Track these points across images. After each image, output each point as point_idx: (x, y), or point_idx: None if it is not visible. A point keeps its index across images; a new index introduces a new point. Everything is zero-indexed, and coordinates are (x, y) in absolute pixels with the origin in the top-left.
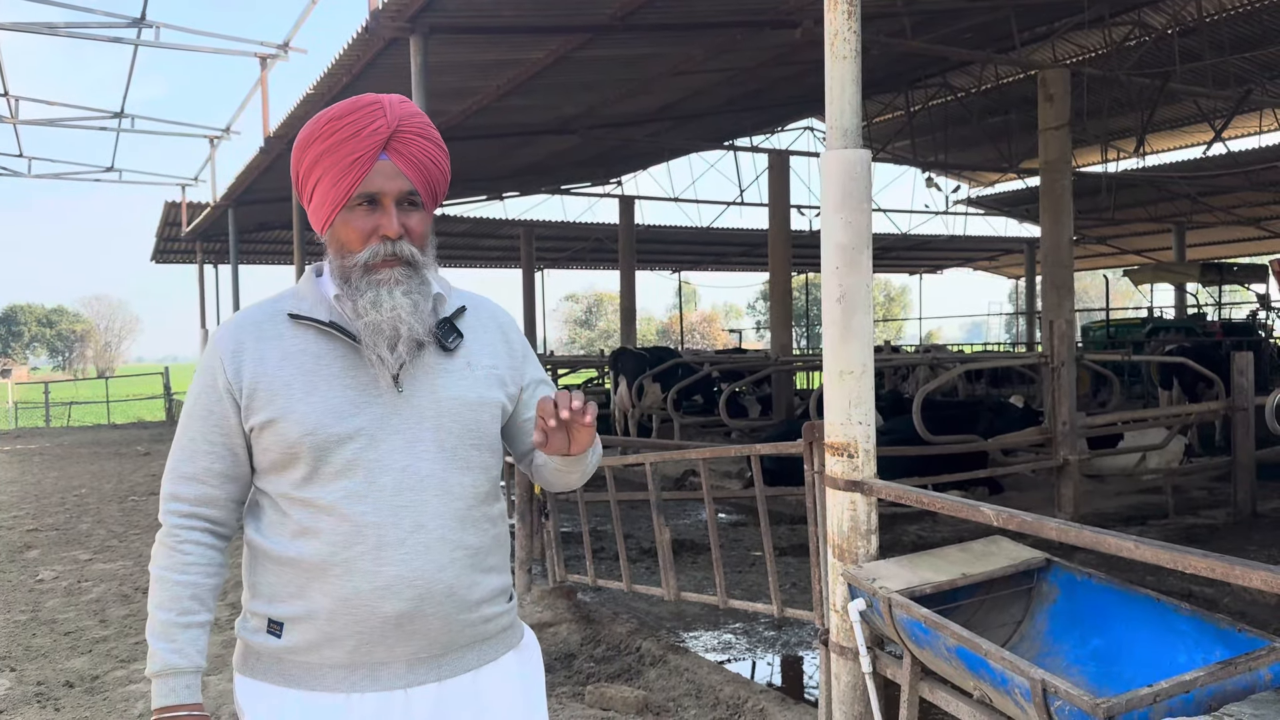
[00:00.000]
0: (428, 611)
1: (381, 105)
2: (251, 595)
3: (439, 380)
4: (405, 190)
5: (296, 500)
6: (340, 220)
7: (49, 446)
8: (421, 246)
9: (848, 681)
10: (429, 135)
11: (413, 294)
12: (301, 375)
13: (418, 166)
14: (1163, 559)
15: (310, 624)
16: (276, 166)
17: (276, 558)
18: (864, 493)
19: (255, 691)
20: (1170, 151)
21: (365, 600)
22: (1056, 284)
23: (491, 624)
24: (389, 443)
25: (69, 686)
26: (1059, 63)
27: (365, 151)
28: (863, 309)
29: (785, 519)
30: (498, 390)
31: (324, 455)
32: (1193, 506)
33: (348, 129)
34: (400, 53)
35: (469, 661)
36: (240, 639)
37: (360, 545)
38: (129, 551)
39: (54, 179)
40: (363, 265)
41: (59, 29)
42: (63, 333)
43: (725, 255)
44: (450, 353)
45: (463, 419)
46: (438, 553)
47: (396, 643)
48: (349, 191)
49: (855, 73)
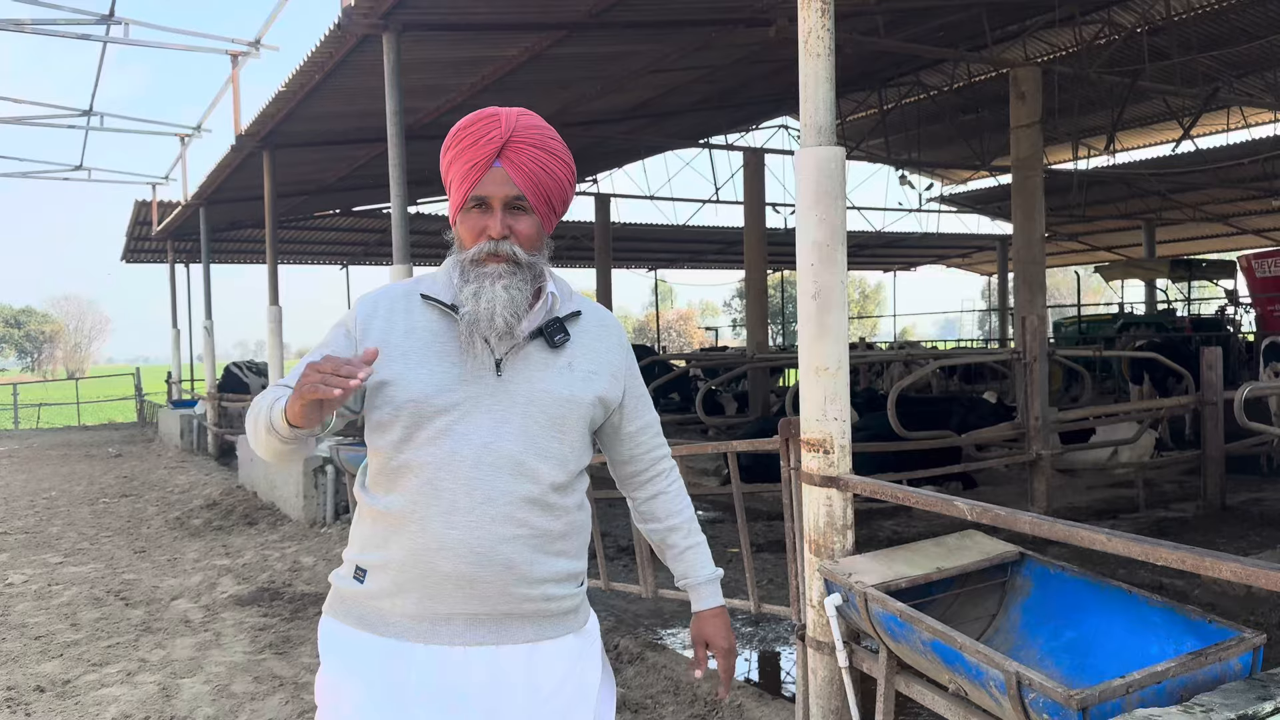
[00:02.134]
0: (485, 577)
1: (499, 118)
2: (349, 547)
3: (537, 373)
4: (513, 195)
5: (393, 460)
6: (460, 219)
7: (18, 449)
8: (528, 248)
9: (824, 676)
10: (544, 146)
11: (512, 289)
12: (419, 348)
13: (526, 174)
14: (1134, 551)
15: (385, 572)
16: (248, 165)
17: (372, 511)
18: (840, 488)
19: (335, 631)
20: (1140, 149)
21: (430, 556)
22: (1028, 280)
23: (554, 604)
24: (478, 419)
25: (40, 691)
26: (1030, 61)
27: (480, 159)
28: (838, 306)
29: (762, 515)
30: (593, 393)
31: (421, 422)
32: (1163, 500)
33: (469, 138)
34: (373, 50)
35: (527, 634)
36: (333, 584)
37: (436, 505)
38: (100, 554)
39: (21, 178)
40: (471, 260)
41: (26, 26)
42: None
43: (701, 253)
44: (555, 350)
45: (550, 411)
46: (501, 526)
47: (456, 601)
48: (465, 195)
49: (829, 70)
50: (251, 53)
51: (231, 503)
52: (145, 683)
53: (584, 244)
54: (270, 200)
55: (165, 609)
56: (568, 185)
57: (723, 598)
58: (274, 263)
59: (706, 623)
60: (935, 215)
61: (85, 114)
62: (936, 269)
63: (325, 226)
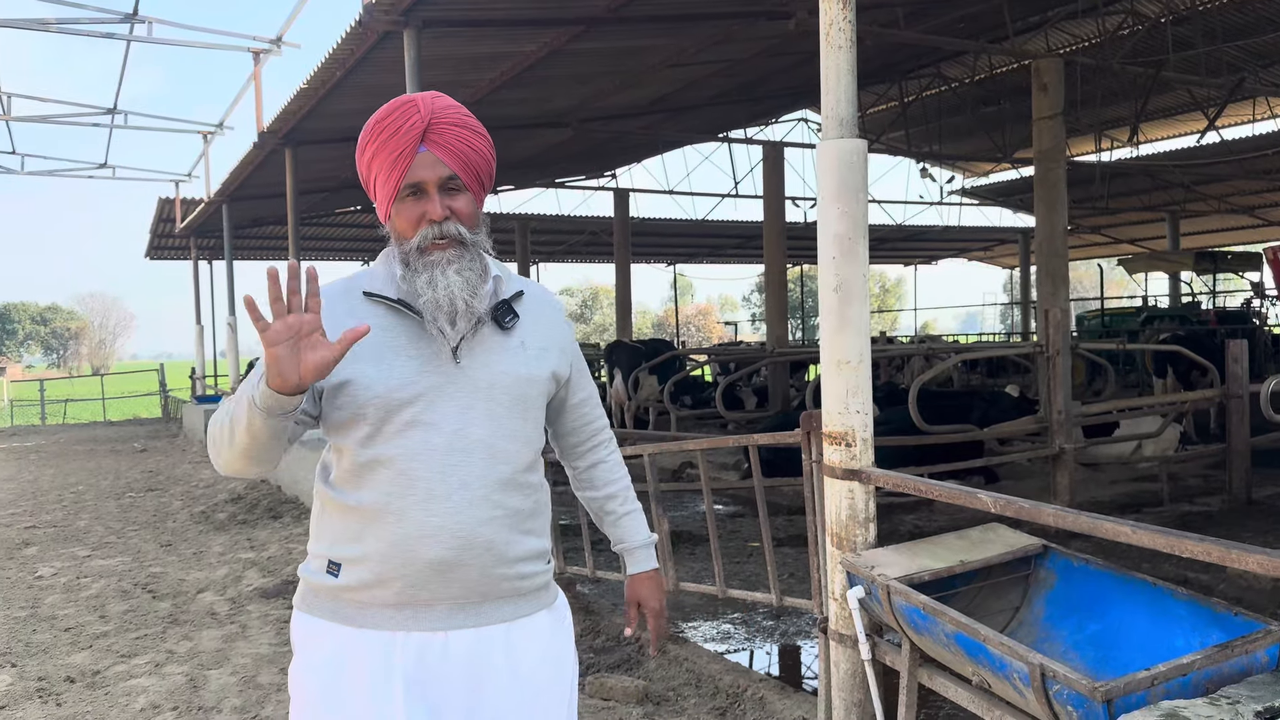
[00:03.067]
0: (467, 560)
1: (415, 103)
2: (316, 541)
3: (494, 356)
4: (445, 176)
5: (361, 456)
6: (394, 211)
7: (45, 444)
8: (470, 226)
9: (847, 669)
10: (465, 124)
11: (465, 271)
12: (371, 346)
13: (454, 153)
14: (1159, 543)
15: (364, 565)
16: (270, 162)
17: (340, 506)
18: (862, 481)
19: (310, 626)
20: (1164, 140)
21: (411, 545)
22: (1051, 273)
23: (527, 581)
24: (444, 408)
25: (70, 682)
26: (1052, 52)
27: (405, 147)
28: (859, 299)
29: (782, 510)
30: (547, 369)
31: (387, 416)
32: (1188, 494)
33: (389, 128)
34: (394, 46)
35: (504, 613)
36: (302, 579)
37: (412, 496)
38: (127, 548)
39: (47, 175)
40: (416, 249)
41: (51, 25)
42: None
43: (720, 248)
44: (506, 331)
45: (512, 392)
46: (480, 509)
47: (439, 587)
48: (397, 184)
49: (851, 62)
50: (273, 50)
51: (256, 497)
52: (173, 674)
53: (603, 239)
54: (292, 197)
55: (191, 601)
56: (492, 160)
57: (656, 561)
58: (296, 259)
59: (641, 584)
60: (956, 208)
61: (109, 112)
62: (957, 263)
63: (347, 223)
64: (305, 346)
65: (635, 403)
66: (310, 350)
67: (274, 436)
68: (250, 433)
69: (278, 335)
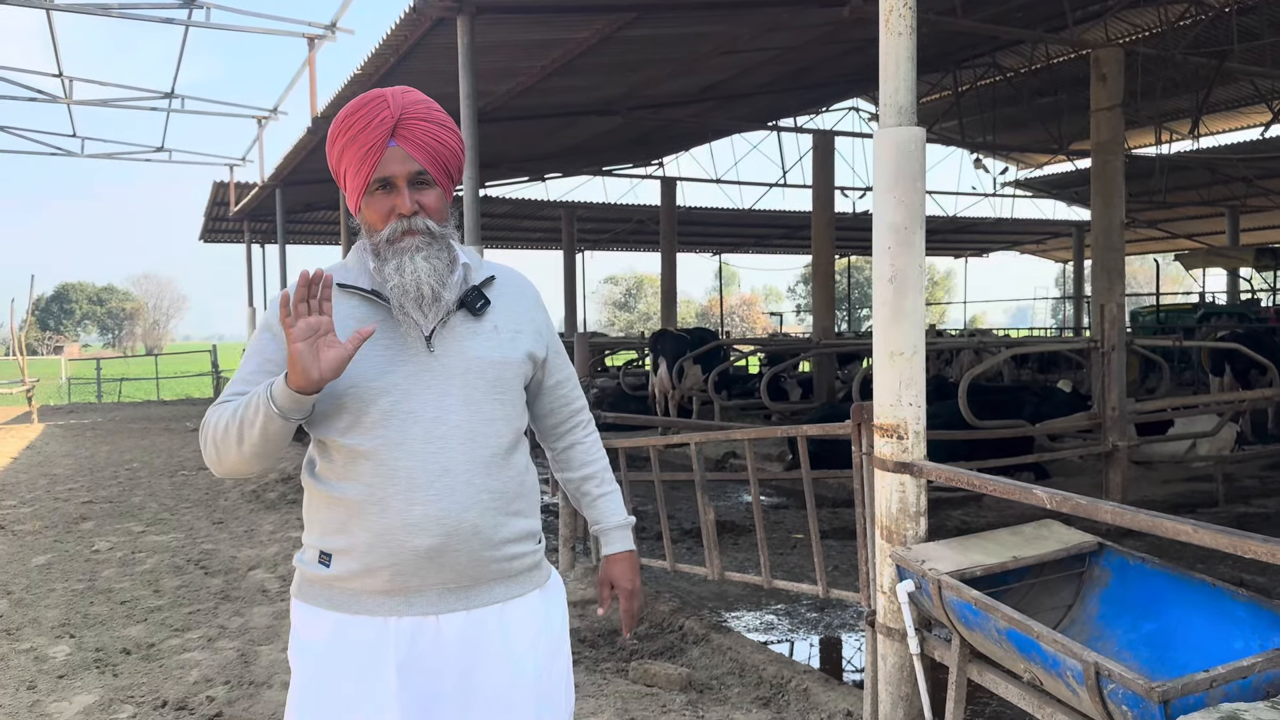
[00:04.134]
0: (455, 546)
1: (385, 98)
2: (308, 531)
3: (467, 342)
4: (414, 171)
5: (342, 446)
6: (365, 204)
7: (101, 421)
8: (438, 219)
9: (894, 663)
10: (433, 119)
11: (432, 259)
12: (346, 336)
13: (424, 148)
14: (1221, 543)
15: (352, 555)
16: (323, 147)
17: (326, 497)
18: (914, 474)
19: (307, 614)
20: (1226, 133)
21: (397, 535)
22: (1107, 268)
23: (517, 562)
24: (420, 396)
25: (126, 653)
26: (1112, 42)
27: (375, 141)
28: (914, 290)
29: (826, 502)
30: (521, 351)
31: (364, 406)
32: (1244, 495)
33: (359, 123)
34: (447, 33)
35: (496, 595)
36: (297, 568)
37: (394, 486)
38: (180, 524)
39: (106, 159)
40: (385, 240)
41: (112, 10)
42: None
43: (766, 237)
44: (478, 317)
45: (487, 376)
46: (463, 494)
47: (428, 573)
48: (367, 178)
49: (911, 49)
50: (328, 36)
51: None
52: (225, 648)
53: (649, 227)
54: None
55: (243, 578)
56: (461, 153)
57: (632, 543)
58: (348, 244)
59: (614, 565)
60: (1009, 200)
61: (167, 96)
62: (1008, 255)
63: None
64: (322, 345)
65: (679, 392)
66: (327, 348)
67: (284, 436)
68: (264, 435)
69: (301, 333)
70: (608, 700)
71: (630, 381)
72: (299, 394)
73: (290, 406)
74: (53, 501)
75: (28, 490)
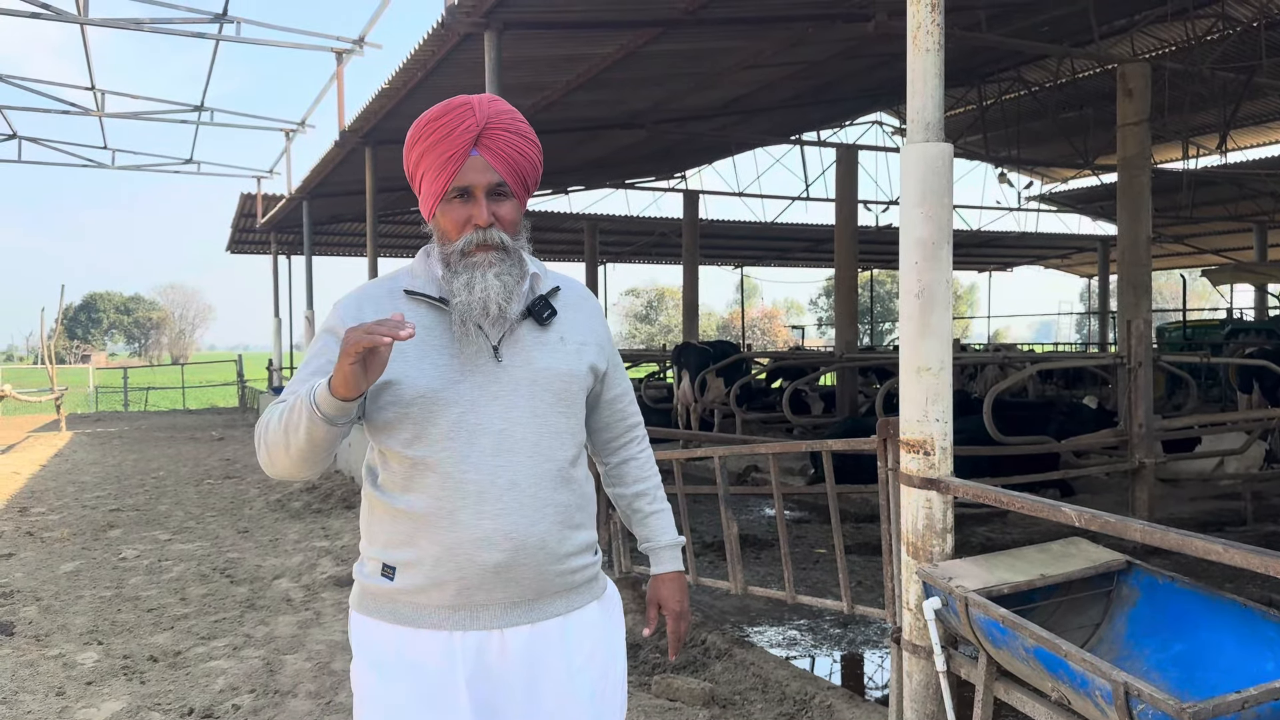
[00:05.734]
0: (522, 561)
1: (471, 106)
2: (369, 542)
3: (534, 352)
4: (494, 182)
5: (407, 458)
6: (440, 211)
7: (128, 430)
8: (513, 233)
9: (920, 680)
10: (517, 130)
11: (504, 275)
12: (415, 344)
13: (505, 160)
14: (1253, 563)
15: (418, 569)
16: (351, 160)
17: (390, 509)
18: (940, 491)
19: (369, 628)
20: (1254, 148)
21: (466, 550)
22: (1134, 283)
23: (578, 575)
24: (488, 408)
25: (153, 661)
26: (1138, 56)
27: (457, 150)
28: (942, 305)
29: (849, 518)
30: (586, 363)
31: (431, 418)
32: (1272, 514)
33: (442, 129)
34: (474, 48)
35: (558, 608)
36: (357, 581)
37: (462, 499)
38: (206, 533)
39: (136, 170)
40: (459, 251)
41: (145, 25)
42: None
43: (789, 251)
44: (545, 327)
45: (554, 388)
46: (530, 509)
47: (494, 588)
48: (445, 186)
49: (938, 65)
50: (355, 50)
51: (330, 487)
52: (250, 657)
53: (671, 240)
54: (371, 195)
55: (268, 587)
56: (539, 166)
57: (682, 564)
58: (374, 256)
59: (663, 585)
60: (1034, 214)
61: (197, 109)
62: (1032, 270)
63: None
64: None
65: (701, 405)
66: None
67: (332, 441)
68: (310, 439)
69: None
70: (631, 714)
71: (651, 394)
72: (343, 401)
73: (335, 413)
74: (81, 509)
75: (56, 498)
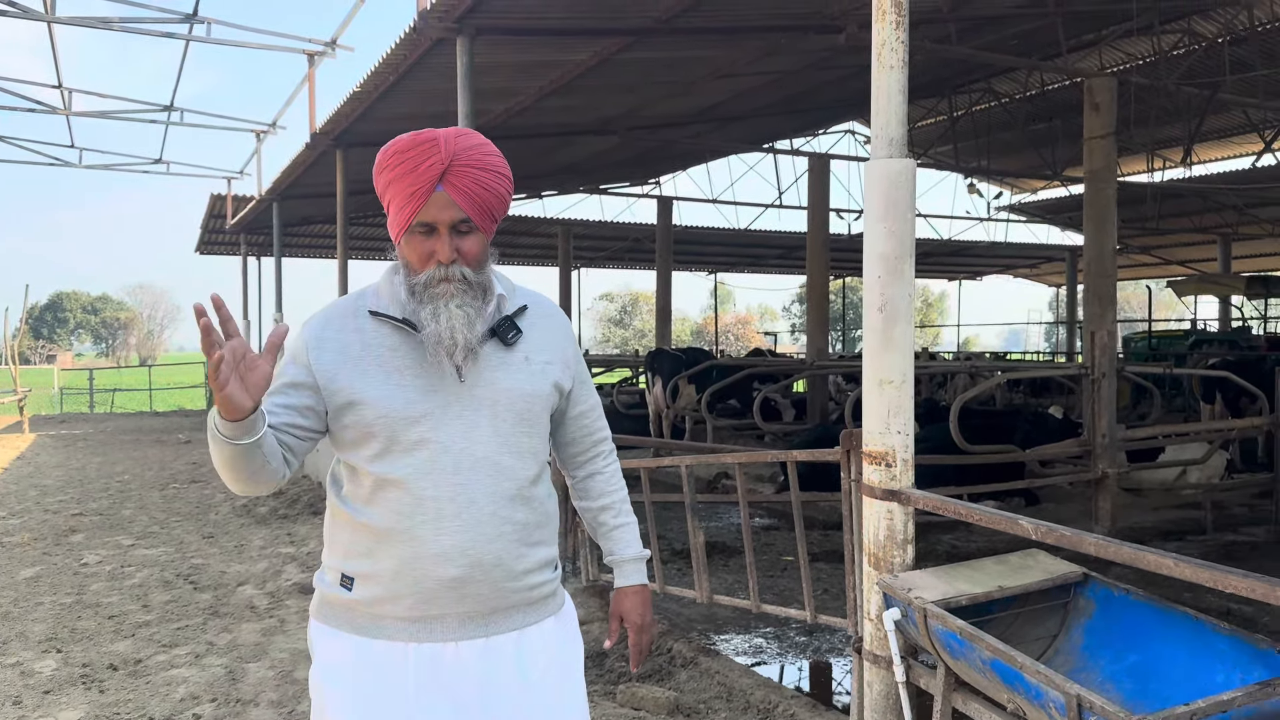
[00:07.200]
0: (478, 577)
1: (437, 142)
2: (330, 552)
3: (498, 373)
4: (458, 219)
5: (371, 473)
6: (405, 241)
7: (93, 432)
8: (476, 266)
9: (880, 690)
10: (484, 165)
11: (466, 307)
12: (378, 364)
13: (470, 196)
14: (1202, 577)
15: (376, 581)
16: (321, 162)
17: (351, 521)
18: (901, 502)
19: (327, 635)
20: (1218, 162)
21: (424, 564)
22: (1099, 294)
23: (536, 591)
24: (451, 427)
25: (113, 669)
26: (1105, 70)
27: (421, 186)
28: (904, 319)
29: (817, 524)
30: (550, 383)
31: (395, 435)
32: (1233, 523)
33: (407, 164)
34: (446, 53)
35: (514, 622)
36: (317, 589)
37: (421, 515)
38: (170, 539)
39: (103, 169)
40: (422, 285)
41: (114, 24)
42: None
43: (762, 258)
44: (510, 347)
45: (516, 408)
46: (488, 526)
47: (450, 602)
48: (409, 220)
49: (902, 82)
50: (327, 52)
51: (297, 492)
52: (213, 665)
53: (645, 246)
54: (342, 197)
55: (232, 594)
56: (508, 196)
57: (645, 577)
58: (344, 258)
59: (626, 598)
60: (1003, 224)
61: (166, 109)
62: (1002, 279)
63: None
64: (245, 371)
65: (673, 411)
66: (249, 371)
67: (251, 459)
68: (232, 462)
69: (226, 376)
70: None
71: (624, 400)
72: (233, 422)
73: (232, 434)
74: (42, 513)
75: (17, 501)
